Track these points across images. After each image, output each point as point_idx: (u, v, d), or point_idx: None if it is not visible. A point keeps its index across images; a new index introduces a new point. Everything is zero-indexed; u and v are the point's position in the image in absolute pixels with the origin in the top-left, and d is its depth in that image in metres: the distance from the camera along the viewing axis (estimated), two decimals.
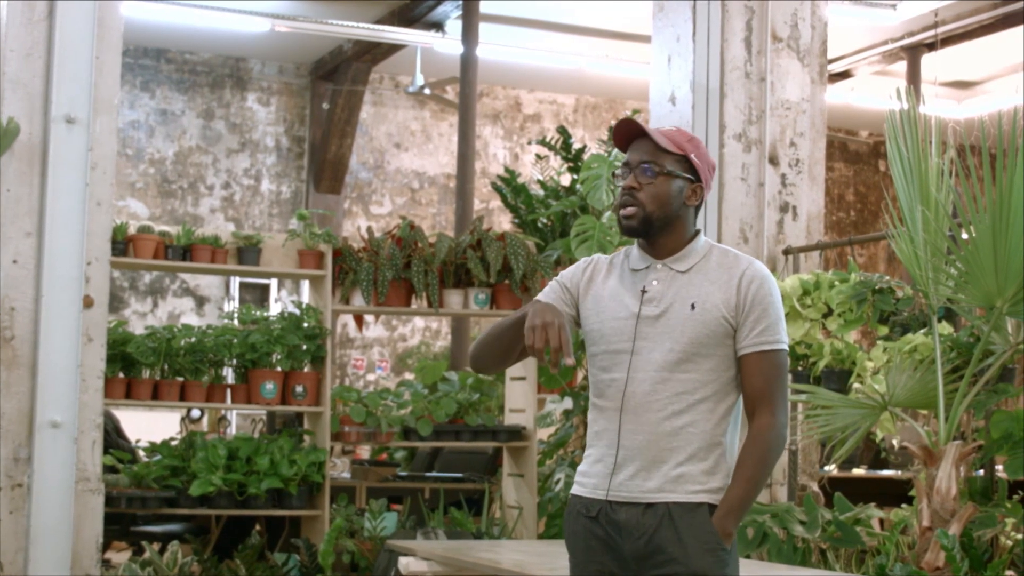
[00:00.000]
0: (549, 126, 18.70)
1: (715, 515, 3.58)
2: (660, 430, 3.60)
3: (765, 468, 3.61)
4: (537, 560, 5.90)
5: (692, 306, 3.62)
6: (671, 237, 3.72)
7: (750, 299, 3.63)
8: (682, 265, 3.69)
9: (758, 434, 3.60)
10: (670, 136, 3.73)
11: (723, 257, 3.72)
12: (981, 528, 6.05)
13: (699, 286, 3.65)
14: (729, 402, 3.66)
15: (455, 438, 8.70)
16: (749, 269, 3.67)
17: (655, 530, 3.58)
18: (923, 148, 5.96)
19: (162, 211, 17.03)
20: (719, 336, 3.62)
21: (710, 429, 3.62)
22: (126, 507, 7.82)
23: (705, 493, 3.60)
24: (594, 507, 3.68)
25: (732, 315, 3.62)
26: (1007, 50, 15.87)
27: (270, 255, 8.38)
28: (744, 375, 3.65)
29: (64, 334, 6.95)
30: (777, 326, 3.65)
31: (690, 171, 3.71)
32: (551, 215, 9.08)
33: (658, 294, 3.67)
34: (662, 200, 3.68)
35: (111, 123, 7.21)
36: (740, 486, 3.58)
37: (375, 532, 8.02)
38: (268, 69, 17.75)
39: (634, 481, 3.61)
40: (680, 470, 3.59)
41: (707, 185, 3.76)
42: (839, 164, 20.40)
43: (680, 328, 3.61)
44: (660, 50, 8.44)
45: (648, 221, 3.69)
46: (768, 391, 3.62)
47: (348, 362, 17.88)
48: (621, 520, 3.62)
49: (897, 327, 6.75)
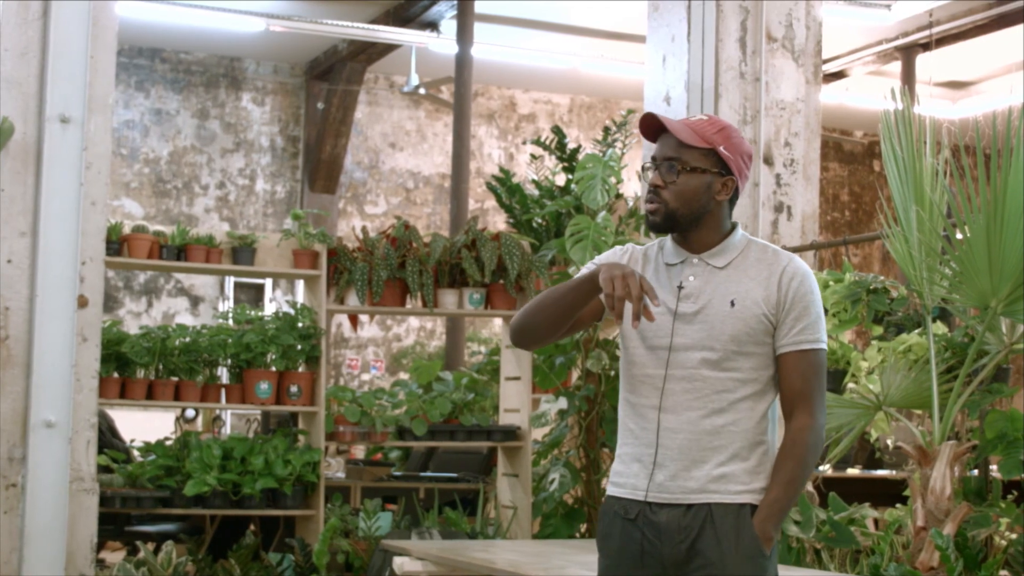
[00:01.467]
0: (544, 126, 18.71)
1: (755, 518, 3.51)
2: (701, 429, 3.52)
3: (805, 470, 3.53)
4: (532, 560, 5.90)
5: (732, 303, 3.54)
6: (704, 232, 3.62)
7: (791, 296, 3.55)
8: (719, 261, 3.60)
9: (797, 435, 3.53)
10: (696, 129, 3.61)
11: (762, 253, 3.63)
12: (975, 528, 6.05)
13: (738, 282, 3.57)
14: (768, 400, 3.58)
15: (450, 438, 8.69)
16: (790, 265, 3.59)
17: (697, 534, 3.50)
18: (918, 148, 5.97)
19: (157, 211, 17.02)
20: (759, 334, 3.54)
21: (752, 428, 3.55)
22: (120, 507, 7.81)
23: (749, 493, 3.52)
24: (633, 509, 3.59)
25: (772, 312, 3.54)
26: (1002, 50, 15.90)
27: (265, 255, 8.37)
28: (782, 374, 3.58)
29: (58, 334, 6.94)
30: (817, 325, 3.57)
31: (719, 164, 3.59)
32: (546, 215, 9.07)
33: (695, 290, 3.58)
34: (687, 197, 3.57)
35: (106, 123, 7.21)
36: (779, 489, 3.52)
37: (370, 532, 8.02)
38: (263, 69, 17.75)
39: (675, 481, 3.53)
40: (722, 470, 3.52)
41: (742, 175, 3.63)
42: (834, 164, 20.42)
43: (720, 326, 3.53)
44: (655, 50, 8.44)
45: (672, 217, 3.59)
46: (807, 391, 3.55)
47: (343, 362, 17.88)
48: (661, 522, 3.53)
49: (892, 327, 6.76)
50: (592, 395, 8.29)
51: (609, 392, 8.25)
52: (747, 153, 3.65)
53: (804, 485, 3.59)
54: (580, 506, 8.38)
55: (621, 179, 8.23)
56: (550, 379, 8.64)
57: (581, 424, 8.40)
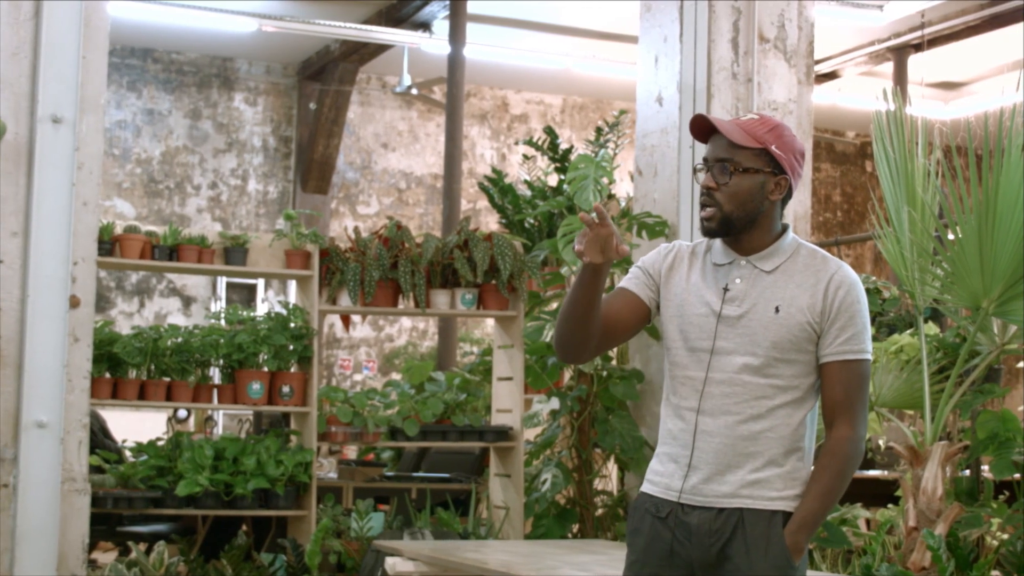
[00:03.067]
0: (536, 126, 18.72)
1: (787, 529, 3.47)
2: (737, 434, 3.50)
3: (842, 481, 3.51)
4: (524, 560, 5.90)
5: (776, 309, 3.50)
6: (756, 234, 3.58)
7: (837, 305, 3.50)
8: (768, 264, 3.57)
9: (836, 446, 3.50)
10: (748, 128, 3.56)
11: (811, 258, 3.59)
12: (967, 528, 6.06)
13: (784, 288, 3.53)
14: (808, 407, 3.55)
15: (442, 438, 8.68)
16: (838, 273, 3.54)
17: (728, 538, 3.48)
18: (910, 149, 5.98)
19: (149, 211, 17.01)
20: (802, 341, 3.50)
21: (789, 435, 3.52)
22: (112, 507, 7.80)
23: (782, 501, 3.50)
24: (664, 508, 3.57)
25: (817, 321, 3.50)
26: (993, 51, 15.93)
27: (257, 255, 8.36)
28: (824, 384, 3.54)
29: (50, 334, 6.93)
30: (863, 335, 3.53)
31: (771, 164, 3.55)
32: (538, 215, 9.07)
33: (741, 293, 3.54)
34: (742, 199, 3.53)
35: (98, 123, 7.20)
36: (815, 500, 3.48)
37: (362, 532, 8.02)
38: (255, 69, 17.74)
39: (709, 485, 3.52)
40: (757, 475, 3.50)
41: (795, 174, 3.59)
42: (826, 165, 20.43)
43: (762, 331, 3.50)
44: (647, 50, 8.44)
45: (728, 222, 3.54)
46: (848, 402, 3.51)
47: (335, 362, 17.87)
48: (692, 524, 3.52)
49: (884, 327, 6.77)
50: (584, 395, 8.29)
51: (601, 392, 8.25)
52: (800, 151, 3.61)
53: (840, 496, 3.56)
54: (572, 506, 8.38)
55: (613, 179, 8.23)
56: (542, 379, 8.63)
57: (573, 424, 8.40)
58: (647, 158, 8.50)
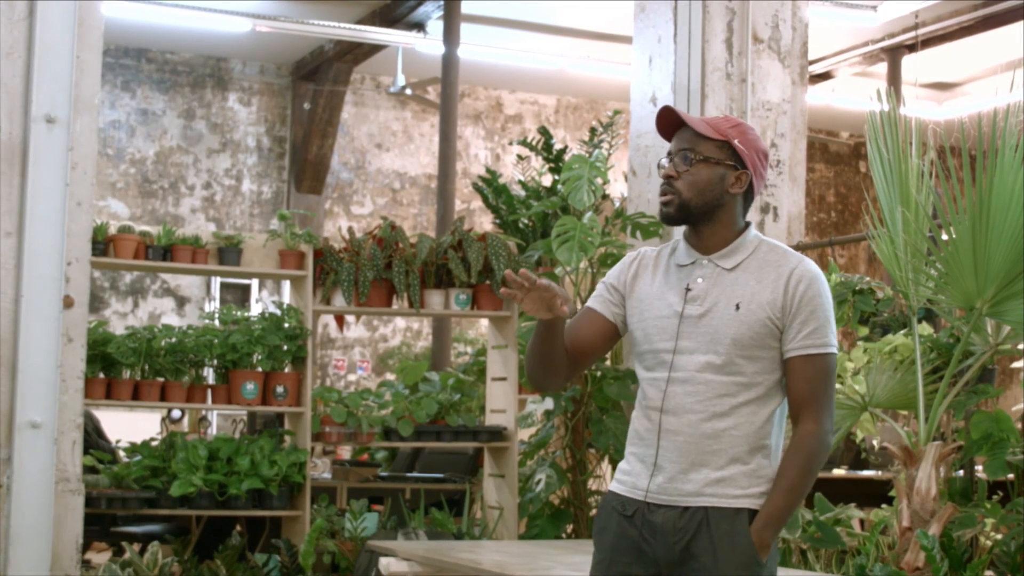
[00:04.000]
0: (530, 127, 18.72)
1: (753, 526, 3.47)
2: (701, 432, 3.51)
3: (808, 477, 3.50)
4: (517, 561, 5.90)
5: (736, 306, 3.51)
6: (717, 228, 3.60)
7: (798, 300, 3.50)
8: (728, 262, 3.58)
9: (802, 441, 3.50)
10: (711, 122, 3.61)
11: (771, 254, 3.59)
12: (961, 528, 6.06)
13: (745, 285, 3.54)
14: (774, 404, 3.55)
15: (436, 439, 8.68)
16: (798, 268, 3.54)
17: (692, 536, 3.48)
18: (903, 149, 5.98)
19: (143, 211, 17.00)
20: (764, 338, 3.51)
21: (753, 432, 3.52)
22: (106, 508, 7.80)
23: (747, 498, 3.50)
24: (631, 506, 3.59)
25: (778, 316, 3.51)
26: (987, 52, 15.93)
27: (251, 255, 8.36)
28: (789, 379, 3.54)
29: (44, 334, 6.93)
30: (825, 328, 3.52)
31: (733, 157, 3.58)
32: (532, 216, 9.07)
33: (702, 292, 3.56)
34: (700, 187, 3.56)
35: (91, 123, 7.19)
36: (780, 496, 3.48)
37: (356, 532, 8.01)
38: (249, 69, 17.73)
39: (674, 484, 3.52)
40: (721, 473, 3.50)
41: (757, 172, 3.62)
42: (820, 165, 20.44)
43: (724, 329, 3.50)
44: (641, 51, 8.45)
45: (685, 208, 3.57)
46: (813, 397, 3.51)
47: (329, 362, 17.87)
48: (657, 523, 3.53)
49: (877, 328, 6.78)
50: (578, 396, 8.29)
51: (595, 393, 8.26)
52: (763, 151, 3.65)
53: (806, 492, 3.56)
54: (566, 507, 8.38)
55: (607, 180, 8.24)
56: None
57: (567, 425, 8.40)
58: (641, 158, 8.51)
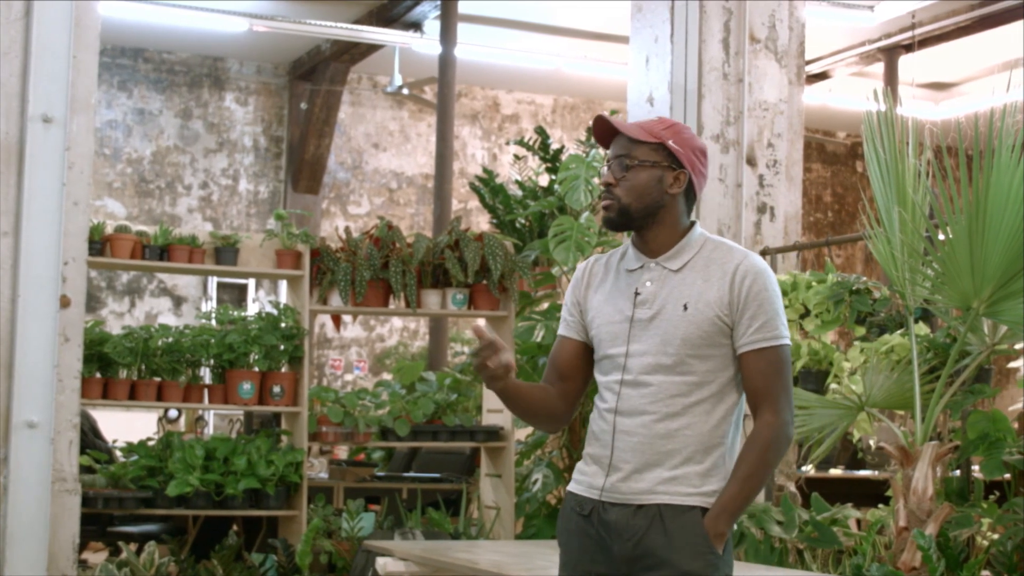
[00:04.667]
0: (527, 126, 18.72)
1: (708, 515, 3.50)
2: (654, 432, 3.55)
3: (764, 467, 3.52)
4: (514, 560, 5.90)
5: (685, 307, 3.54)
6: (661, 230, 3.64)
7: (744, 295, 3.53)
8: (675, 263, 3.61)
9: (757, 433, 3.52)
10: (645, 126, 3.65)
11: (716, 252, 3.62)
12: (957, 528, 6.06)
13: (692, 285, 3.57)
14: (730, 403, 3.58)
15: (433, 438, 8.69)
16: (743, 263, 3.57)
17: (644, 532, 3.52)
18: (900, 149, 5.98)
19: (139, 211, 16.99)
20: (714, 336, 3.54)
21: (707, 431, 3.55)
22: (103, 507, 7.80)
23: (699, 496, 3.53)
24: (587, 506, 3.63)
25: (727, 313, 3.54)
26: (984, 52, 15.94)
27: (248, 255, 8.36)
28: (744, 374, 3.57)
29: (41, 334, 6.93)
30: (775, 321, 3.55)
31: (669, 158, 3.62)
32: (529, 215, 9.08)
33: (651, 296, 3.60)
34: (639, 191, 3.59)
35: (88, 122, 7.19)
36: (735, 485, 3.51)
37: (352, 532, 8.01)
38: (246, 69, 17.73)
39: (627, 483, 3.56)
40: (675, 472, 3.53)
41: (695, 170, 3.65)
42: (817, 165, 20.45)
43: (673, 330, 3.54)
44: (638, 51, 8.45)
45: (626, 213, 3.61)
46: (768, 389, 3.54)
47: (326, 362, 17.86)
48: (612, 521, 3.57)
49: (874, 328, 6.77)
50: None
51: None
52: (699, 148, 3.68)
53: (763, 482, 3.58)
54: None
55: None
56: (533, 379, 8.63)
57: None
58: None
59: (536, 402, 3.77)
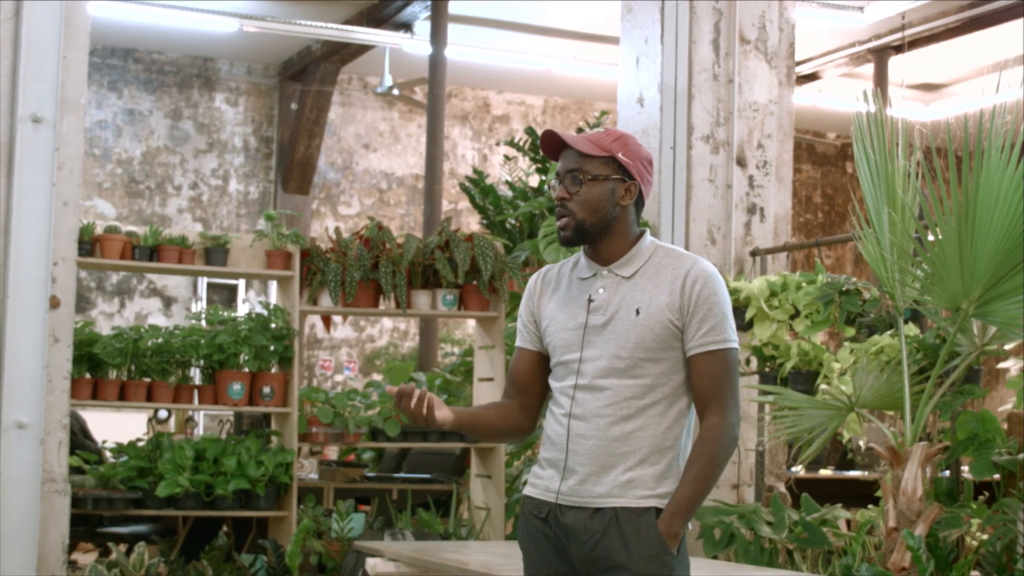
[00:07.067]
0: (518, 127, 18.71)
1: (661, 516, 3.57)
2: (608, 435, 3.61)
3: (714, 468, 3.59)
4: (504, 561, 5.90)
5: (637, 311, 3.62)
6: (612, 240, 3.71)
7: (694, 300, 3.61)
8: (627, 271, 3.69)
9: (707, 434, 3.59)
10: (593, 139, 3.71)
11: (667, 258, 3.70)
12: (947, 529, 6.07)
13: (644, 291, 3.65)
14: (682, 405, 3.66)
15: (423, 439, 8.69)
16: (693, 269, 3.64)
17: (601, 535, 3.58)
18: (890, 150, 5.98)
19: (129, 211, 16.97)
20: (666, 339, 3.61)
21: (661, 433, 3.62)
22: (92, 508, 7.79)
23: (654, 498, 3.59)
24: (544, 509, 3.70)
25: (677, 317, 3.61)
26: (974, 53, 15.96)
27: (238, 256, 8.36)
28: (692, 376, 3.64)
29: (30, 335, 6.92)
30: (723, 325, 3.63)
31: (620, 171, 3.68)
32: (519, 216, 9.08)
33: (604, 302, 3.67)
34: (593, 206, 3.67)
35: (78, 123, 7.18)
36: (687, 486, 3.57)
37: (342, 533, 8.01)
38: (236, 69, 17.71)
39: (583, 486, 3.63)
40: (629, 475, 3.59)
41: (644, 180, 3.73)
42: (806, 166, 20.46)
43: (626, 334, 3.61)
44: (628, 51, 8.45)
45: (582, 229, 3.68)
46: (716, 391, 3.61)
47: (316, 363, 17.85)
48: (569, 524, 3.63)
49: (864, 328, 6.78)
50: None
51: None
52: (646, 159, 3.75)
53: (714, 482, 3.64)
54: None
55: None
56: None
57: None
58: None
59: (496, 423, 3.87)
